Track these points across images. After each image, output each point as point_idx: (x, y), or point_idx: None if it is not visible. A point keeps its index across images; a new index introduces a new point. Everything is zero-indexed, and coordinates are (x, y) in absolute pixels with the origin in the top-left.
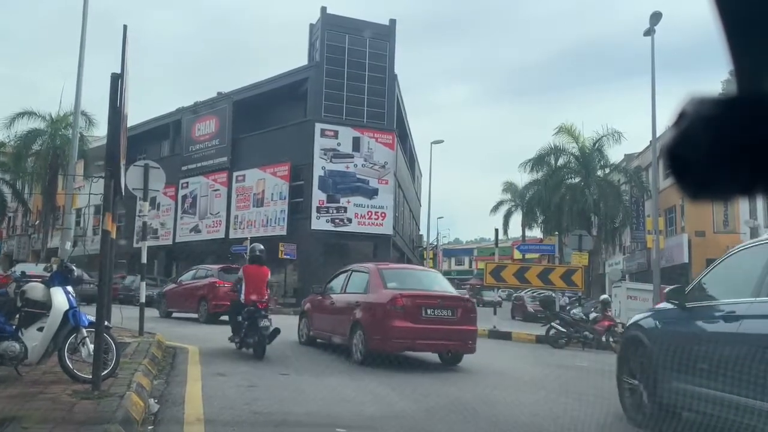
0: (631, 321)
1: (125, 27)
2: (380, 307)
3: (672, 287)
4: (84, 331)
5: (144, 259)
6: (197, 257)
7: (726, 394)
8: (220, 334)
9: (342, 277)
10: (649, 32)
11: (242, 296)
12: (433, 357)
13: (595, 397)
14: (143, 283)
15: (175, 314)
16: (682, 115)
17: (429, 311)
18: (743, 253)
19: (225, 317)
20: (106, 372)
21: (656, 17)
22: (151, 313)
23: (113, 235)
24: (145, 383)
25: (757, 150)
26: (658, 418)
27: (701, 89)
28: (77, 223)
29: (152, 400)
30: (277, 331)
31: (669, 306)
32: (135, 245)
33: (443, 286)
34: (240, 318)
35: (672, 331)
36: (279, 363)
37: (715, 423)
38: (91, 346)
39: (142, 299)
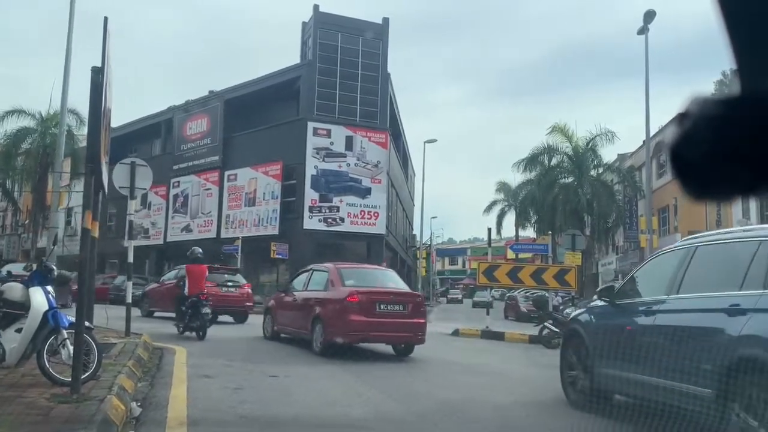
0: (571, 316)
1: (106, 19)
2: (338, 303)
3: (603, 286)
4: (64, 332)
5: (130, 259)
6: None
7: (646, 377)
8: (212, 335)
9: (304, 276)
10: (642, 31)
11: (186, 290)
12: (424, 354)
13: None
14: (130, 283)
15: (157, 313)
16: (684, 115)
17: (382, 306)
18: (662, 256)
19: None
20: (86, 375)
21: (650, 16)
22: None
23: (95, 234)
24: (128, 386)
25: (760, 149)
26: (594, 401)
27: (697, 90)
28: (68, 223)
29: (135, 403)
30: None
31: (602, 303)
32: (125, 245)
33: (396, 283)
34: (183, 308)
35: (603, 325)
36: (265, 363)
37: (641, 403)
38: (72, 348)
39: (129, 299)
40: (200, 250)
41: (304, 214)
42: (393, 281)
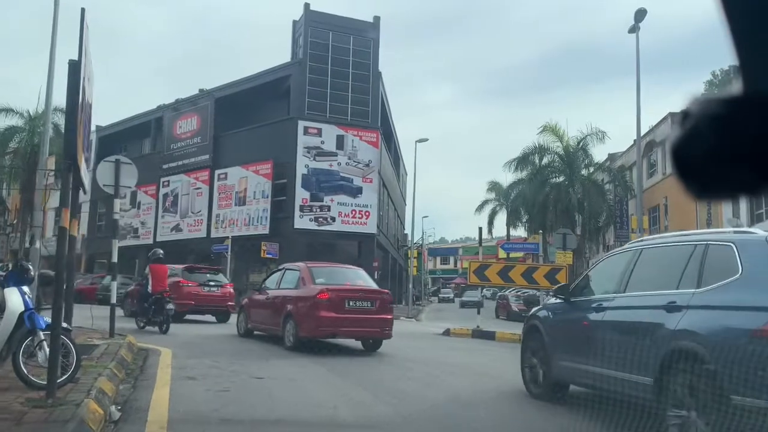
0: (531, 312)
1: (83, 10)
2: (309, 300)
3: (558, 285)
4: (41, 334)
5: (114, 258)
6: (178, 256)
7: (597, 368)
8: (192, 334)
9: (277, 275)
10: (633, 29)
11: (149, 288)
12: (400, 350)
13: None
14: (114, 283)
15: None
16: (687, 114)
17: (351, 303)
18: (613, 257)
19: (191, 316)
20: (64, 378)
21: (641, 14)
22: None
23: (74, 233)
24: (108, 389)
25: (762, 149)
26: (551, 391)
27: (687, 89)
28: (57, 222)
29: (114, 406)
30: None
31: (558, 300)
32: None
33: (365, 281)
34: (146, 304)
35: (559, 320)
36: (250, 364)
37: (595, 393)
38: (48, 350)
39: (113, 299)
40: (161, 252)
41: (295, 213)
42: (362, 279)
